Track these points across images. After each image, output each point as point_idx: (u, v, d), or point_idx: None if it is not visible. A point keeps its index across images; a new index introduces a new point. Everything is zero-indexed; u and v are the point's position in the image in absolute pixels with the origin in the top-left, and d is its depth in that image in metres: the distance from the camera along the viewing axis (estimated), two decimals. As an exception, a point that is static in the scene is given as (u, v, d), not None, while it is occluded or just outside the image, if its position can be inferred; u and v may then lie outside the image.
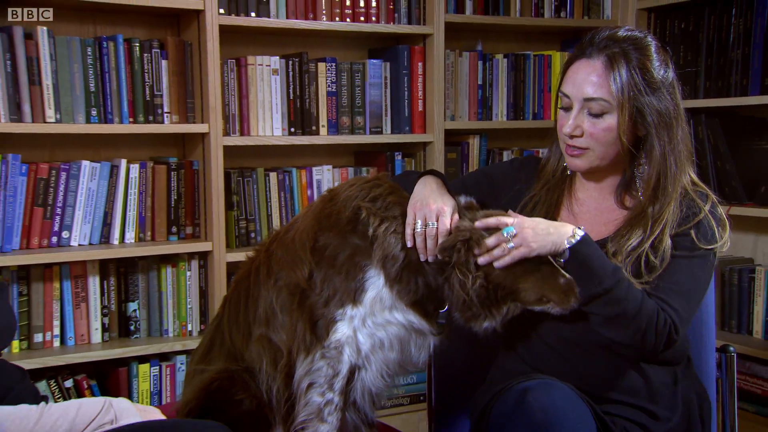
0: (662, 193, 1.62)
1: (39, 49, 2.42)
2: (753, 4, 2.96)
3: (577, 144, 1.64)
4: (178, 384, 2.68)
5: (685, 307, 1.58)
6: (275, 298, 1.74)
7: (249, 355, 1.77)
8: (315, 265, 1.70)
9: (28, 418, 1.27)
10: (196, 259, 2.72)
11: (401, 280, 1.65)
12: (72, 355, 2.50)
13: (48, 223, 2.51)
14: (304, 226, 1.75)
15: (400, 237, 1.65)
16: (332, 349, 1.69)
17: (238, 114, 2.76)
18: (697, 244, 1.60)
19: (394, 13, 2.96)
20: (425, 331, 1.72)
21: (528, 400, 1.46)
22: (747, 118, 3.10)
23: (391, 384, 1.82)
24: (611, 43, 1.62)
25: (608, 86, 1.60)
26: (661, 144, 1.62)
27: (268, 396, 1.75)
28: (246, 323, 1.78)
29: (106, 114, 2.56)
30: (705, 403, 1.69)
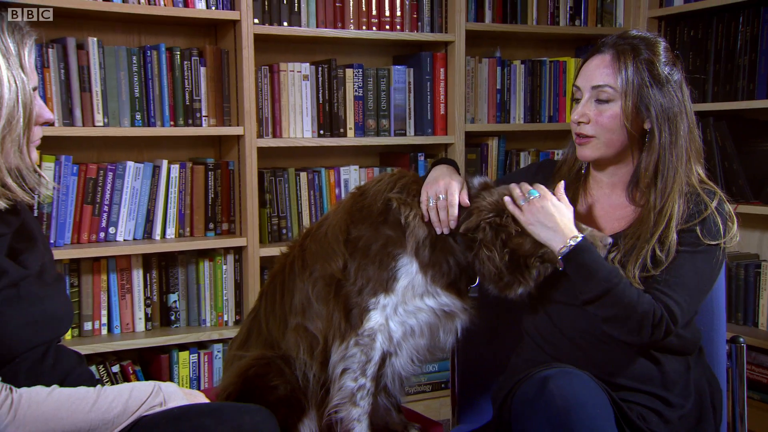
0: (661, 183, 1.61)
1: (89, 58, 2.46)
2: (759, 13, 2.94)
3: (584, 131, 1.64)
4: (215, 370, 2.70)
5: (688, 299, 1.57)
6: (311, 289, 1.74)
7: (285, 343, 1.77)
8: (349, 256, 1.71)
9: (87, 400, 1.28)
10: (231, 253, 2.73)
11: (434, 264, 1.66)
12: (118, 342, 2.52)
13: (96, 220, 2.54)
14: (336, 220, 1.76)
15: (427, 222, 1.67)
16: (365, 337, 1.69)
17: (271, 117, 2.76)
18: (702, 239, 1.59)
19: (417, 21, 2.96)
20: (456, 313, 1.72)
21: (549, 387, 1.46)
22: (753, 121, 3.09)
23: (420, 369, 1.83)
24: (621, 40, 1.64)
25: (615, 75, 1.61)
26: (662, 136, 1.61)
27: (304, 382, 1.75)
28: (282, 314, 1.79)
29: (149, 118, 2.58)
30: (716, 391, 1.69)
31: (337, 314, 1.71)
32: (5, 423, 1.19)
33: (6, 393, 1.21)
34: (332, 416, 1.76)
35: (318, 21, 2.80)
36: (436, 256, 1.67)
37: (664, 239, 1.59)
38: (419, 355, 1.77)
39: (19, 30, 1.30)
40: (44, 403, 1.24)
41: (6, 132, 1.26)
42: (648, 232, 1.60)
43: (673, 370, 1.63)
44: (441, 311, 1.72)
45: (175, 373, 2.66)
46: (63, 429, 1.24)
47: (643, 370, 1.62)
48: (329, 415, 1.76)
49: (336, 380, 1.74)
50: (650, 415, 1.58)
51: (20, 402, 1.22)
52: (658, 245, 1.58)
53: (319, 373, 1.75)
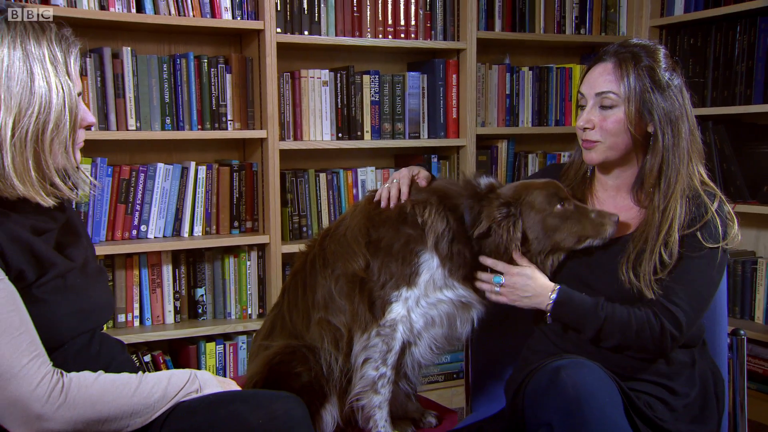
0: (665, 184, 1.61)
1: (123, 66, 2.48)
2: (756, 23, 2.95)
3: (590, 137, 1.64)
4: (239, 360, 2.72)
5: (693, 304, 1.57)
6: (333, 285, 1.75)
7: (310, 336, 1.78)
8: (372, 255, 1.72)
9: (130, 385, 1.29)
10: (255, 250, 2.74)
11: (452, 257, 1.67)
12: (149, 333, 2.54)
13: (129, 218, 2.56)
14: (354, 223, 1.77)
15: (444, 217, 1.68)
16: (387, 328, 1.70)
17: (293, 121, 2.77)
18: (704, 243, 1.58)
19: (431, 30, 2.96)
20: (473, 303, 1.73)
21: (561, 377, 1.45)
22: (750, 125, 3.09)
23: (438, 357, 1.84)
24: (623, 48, 1.64)
25: (617, 82, 1.60)
26: (665, 138, 1.60)
27: (328, 371, 1.76)
28: (305, 308, 1.80)
29: (178, 122, 2.59)
30: (719, 381, 1.68)
31: (361, 307, 1.72)
32: (57, 404, 1.21)
33: (58, 377, 1.23)
34: (354, 404, 1.76)
35: (337, 30, 2.81)
36: (454, 248, 1.68)
37: (668, 239, 1.58)
38: (438, 344, 1.78)
39: (65, 40, 1.32)
40: (91, 386, 1.25)
41: (54, 134, 1.28)
42: (654, 232, 1.59)
43: (678, 361, 1.63)
44: (459, 302, 1.73)
45: (203, 363, 2.67)
46: (108, 411, 1.26)
47: (650, 362, 1.62)
48: (351, 403, 1.77)
49: (358, 369, 1.75)
50: (656, 404, 1.58)
51: (70, 385, 1.23)
52: (662, 246, 1.58)
53: (344, 364, 1.76)
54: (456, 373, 3.07)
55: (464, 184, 1.75)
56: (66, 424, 1.23)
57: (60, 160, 1.31)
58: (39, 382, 1.20)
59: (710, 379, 1.67)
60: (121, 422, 1.28)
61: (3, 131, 1.23)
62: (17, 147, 1.25)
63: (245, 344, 2.73)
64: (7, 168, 1.24)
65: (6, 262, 1.24)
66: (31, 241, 1.30)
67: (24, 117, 1.24)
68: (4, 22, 1.26)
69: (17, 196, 1.28)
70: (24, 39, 1.26)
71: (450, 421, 1.94)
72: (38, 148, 1.27)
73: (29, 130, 1.25)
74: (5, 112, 1.23)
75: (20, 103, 1.24)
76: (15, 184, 1.26)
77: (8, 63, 1.24)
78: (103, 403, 1.25)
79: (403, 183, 1.76)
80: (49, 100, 1.27)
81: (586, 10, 3.26)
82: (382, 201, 1.75)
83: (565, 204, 1.66)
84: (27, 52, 1.26)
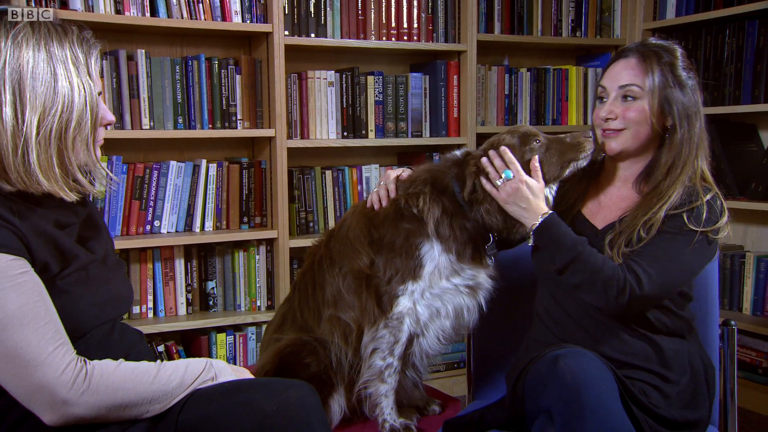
0: (674, 172, 1.62)
1: (138, 68, 2.49)
2: (744, 26, 2.96)
3: (613, 126, 1.65)
4: (249, 351, 2.73)
5: (659, 272, 1.55)
6: (342, 283, 1.76)
7: (321, 331, 1.79)
8: (375, 253, 1.73)
9: (149, 373, 1.29)
10: (263, 244, 2.75)
11: (454, 236, 1.68)
12: (163, 324, 2.56)
13: (143, 214, 2.56)
14: (355, 223, 1.79)
15: (438, 201, 1.69)
16: (394, 320, 1.71)
17: (300, 120, 2.78)
18: (687, 224, 1.57)
19: (432, 33, 2.97)
20: (481, 284, 1.74)
21: (560, 365, 1.44)
22: (739, 124, 3.11)
23: (445, 347, 1.84)
24: (644, 47, 1.66)
25: (641, 76, 1.62)
26: (682, 132, 1.62)
27: (337, 364, 1.77)
28: (316, 306, 1.81)
29: (190, 121, 2.60)
30: (709, 369, 1.69)
31: (369, 302, 1.73)
32: (81, 390, 1.22)
33: (81, 364, 1.24)
34: (362, 392, 1.77)
35: (342, 33, 2.82)
36: (454, 226, 1.69)
37: (653, 216, 1.58)
38: (445, 335, 1.78)
39: (86, 41, 1.33)
40: (113, 374, 1.26)
41: (76, 132, 1.29)
42: (642, 213, 1.60)
43: (670, 349, 1.63)
44: (465, 288, 1.73)
45: (213, 353, 2.68)
46: (129, 398, 1.26)
47: (643, 350, 1.62)
48: (359, 391, 1.78)
49: (366, 359, 1.76)
50: (651, 391, 1.58)
51: (93, 372, 1.24)
52: (643, 224, 1.58)
53: (353, 358, 1.76)
54: (457, 363, 3.08)
55: (444, 162, 1.78)
56: (89, 410, 1.24)
57: (82, 156, 1.32)
58: (64, 369, 1.21)
59: (701, 367, 1.67)
60: (141, 408, 1.28)
61: (29, 129, 1.24)
62: (42, 144, 1.26)
63: (254, 335, 2.74)
64: (32, 165, 1.25)
65: (32, 255, 1.25)
66: (55, 235, 1.31)
67: (48, 116, 1.25)
68: (28, 26, 1.27)
69: (42, 191, 1.29)
70: (48, 41, 1.27)
71: (453, 409, 1.95)
72: (61, 146, 1.28)
73: (53, 128, 1.26)
74: (30, 111, 1.24)
75: (44, 103, 1.25)
76: (40, 180, 1.27)
77: (33, 64, 1.25)
78: (124, 389, 1.26)
79: (390, 183, 1.78)
80: (72, 99, 1.27)
81: (581, 13, 3.27)
82: (375, 205, 1.77)
83: (536, 142, 1.68)
84: (51, 53, 1.26)
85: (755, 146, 3.08)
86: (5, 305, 1.19)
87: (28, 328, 1.20)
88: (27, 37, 1.26)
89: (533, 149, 1.69)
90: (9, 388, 1.22)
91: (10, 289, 1.19)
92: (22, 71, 1.24)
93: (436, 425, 1.80)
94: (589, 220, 1.72)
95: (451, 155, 1.78)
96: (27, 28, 1.27)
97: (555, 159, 1.68)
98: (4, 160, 1.24)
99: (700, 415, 1.63)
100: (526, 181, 1.63)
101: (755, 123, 3.10)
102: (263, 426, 1.25)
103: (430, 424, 1.84)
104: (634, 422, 1.48)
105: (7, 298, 1.19)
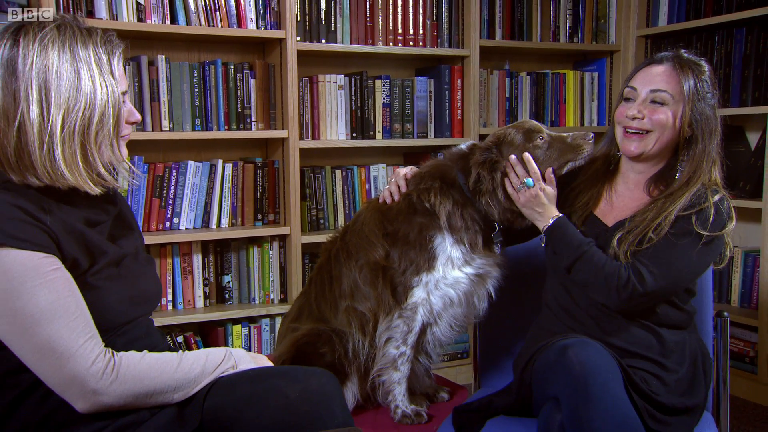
0: (689, 182, 1.62)
1: (158, 72, 2.49)
2: (732, 34, 2.97)
3: (642, 126, 1.62)
4: (263, 341, 2.73)
5: (662, 271, 1.56)
6: (358, 274, 1.76)
7: (338, 322, 1.79)
8: (390, 246, 1.73)
9: (172, 362, 1.30)
10: (276, 240, 2.75)
11: (465, 226, 1.69)
12: (182, 316, 2.55)
13: (163, 211, 2.56)
14: (369, 217, 1.79)
15: (448, 195, 1.71)
16: (408, 310, 1.72)
17: (311, 122, 2.77)
18: (693, 226, 1.57)
19: (437, 38, 2.97)
20: (490, 271, 1.74)
21: (568, 354, 1.45)
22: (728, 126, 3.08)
23: (457, 334, 1.84)
24: (678, 57, 1.65)
25: (675, 83, 1.60)
26: (703, 145, 1.62)
27: (353, 353, 1.77)
28: (332, 298, 1.80)
29: (207, 123, 2.60)
30: (706, 358, 1.69)
31: (385, 293, 1.73)
32: (110, 380, 1.22)
33: (109, 356, 1.24)
34: (376, 379, 1.78)
35: (351, 39, 2.81)
36: (465, 217, 1.70)
37: (663, 221, 1.58)
38: (457, 322, 1.79)
39: (110, 42, 1.32)
40: (139, 364, 1.26)
41: (99, 128, 1.28)
42: (654, 214, 1.60)
43: (671, 341, 1.64)
44: (476, 276, 1.73)
45: (230, 343, 2.68)
46: (154, 386, 1.27)
47: (647, 340, 1.63)
48: (373, 378, 1.78)
49: (380, 348, 1.76)
50: (651, 379, 1.59)
51: (121, 363, 1.24)
52: (655, 226, 1.58)
53: (370, 348, 1.77)
54: (460, 353, 3.08)
55: (449, 156, 1.79)
56: (118, 398, 1.24)
57: (105, 152, 1.31)
58: (94, 360, 1.22)
59: (699, 357, 1.68)
60: (165, 396, 1.29)
61: (53, 126, 1.24)
62: (66, 140, 1.25)
63: (268, 327, 2.74)
64: (57, 159, 1.25)
65: (61, 252, 1.25)
66: (84, 232, 1.30)
67: (71, 113, 1.25)
68: (55, 29, 1.27)
69: (68, 185, 1.28)
70: (72, 43, 1.27)
71: (461, 396, 1.96)
72: (85, 141, 1.28)
73: (76, 124, 1.26)
74: (55, 109, 1.24)
75: (68, 100, 1.25)
76: (65, 174, 1.26)
77: (57, 64, 1.25)
78: (149, 378, 1.26)
79: (400, 179, 1.79)
80: (94, 97, 1.27)
81: (578, 20, 3.26)
82: (387, 200, 1.78)
83: (540, 138, 1.70)
84: (75, 54, 1.26)
85: (743, 147, 3.08)
86: (38, 301, 1.19)
87: (60, 323, 1.20)
88: (53, 39, 1.26)
89: (537, 146, 1.70)
90: (44, 378, 1.22)
91: (42, 286, 1.19)
92: (47, 71, 1.24)
93: (445, 412, 1.81)
94: (601, 220, 1.72)
95: (456, 149, 1.79)
96: (53, 31, 1.27)
97: (555, 157, 1.70)
98: (31, 156, 1.24)
99: (697, 401, 1.64)
100: (544, 189, 1.66)
101: (742, 125, 3.10)
102: (287, 411, 1.25)
103: (439, 410, 1.85)
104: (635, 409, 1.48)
105: (39, 294, 1.19)
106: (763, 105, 2.85)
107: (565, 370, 1.44)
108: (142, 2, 2.44)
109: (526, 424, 1.61)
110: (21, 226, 1.20)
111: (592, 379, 1.41)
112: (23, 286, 1.18)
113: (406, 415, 1.76)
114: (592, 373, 1.42)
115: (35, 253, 1.20)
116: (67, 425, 1.25)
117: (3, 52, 1.24)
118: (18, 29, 1.26)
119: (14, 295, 1.17)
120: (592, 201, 1.73)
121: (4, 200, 1.22)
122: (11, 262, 1.18)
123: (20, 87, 1.22)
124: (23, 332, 1.18)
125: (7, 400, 1.25)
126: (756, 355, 2.91)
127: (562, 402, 1.44)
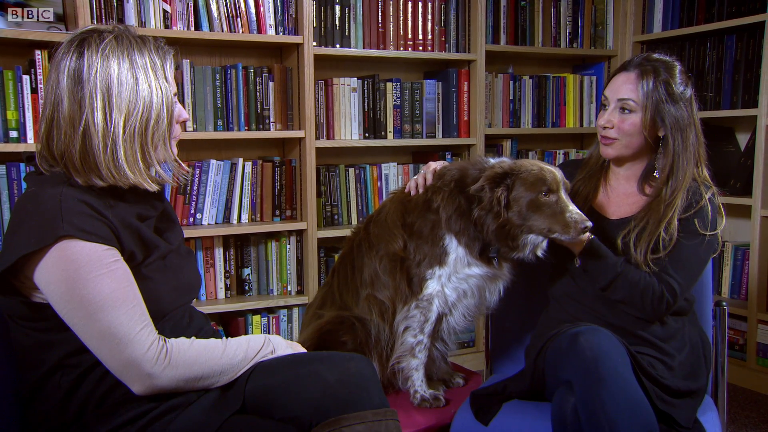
0: (674, 180, 1.65)
1: (183, 76, 2.50)
2: (723, 40, 3.01)
3: (609, 135, 1.68)
4: (281, 331, 2.74)
5: (686, 278, 1.63)
6: (378, 264, 1.78)
7: (359, 309, 1.81)
8: (408, 237, 1.75)
9: (217, 348, 1.33)
10: (293, 235, 2.77)
11: (465, 231, 1.68)
12: (204, 307, 2.56)
13: (187, 207, 2.58)
14: (392, 209, 1.81)
15: (454, 198, 1.69)
16: (424, 301, 1.74)
17: (326, 122, 2.79)
18: (698, 230, 1.62)
19: (445, 43, 2.98)
20: (498, 275, 1.76)
21: (579, 341, 1.47)
22: (719, 127, 3.15)
23: (470, 323, 1.87)
24: (645, 61, 1.67)
25: (637, 91, 1.64)
26: (675, 143, 1.64)
27: (375, 339, 1.79)
28: (354, 287, 1.83)
29: (228, 124, 2.61)
30: (706, 345, 1.73)
31: (402, 283, 1.76)
32: (163, 365, 1.26)
33: (162, 342, 1.28)
34: (395, 366, 1.81)
35: (364, 44, 2.83)
36: (464, 222, 1.68)
37: (669, 225, 1.63)
38: (470, 312, 1.82)
39: (162, 48, 1.36)
40: (188, 350, 1.30)
41: (155, 129, 1.32)
42: (657, 220, 1.64)
43: (673, 327, 1.68)
44: (486, 276, 1.76)
45: (249, 332, 2.69)
46: (202, 371, 1.30)
47: (650, 328, 1.66)
48: (393, 365, 1.81)
49: (399, 336, 1.79)
50: (657, 364, 1.63)
51: (172, 349, 1.28)
52: (664, 231, 1.62)
53: (389, 334, 1.79)
54: (466, 342, 3.11)
55: (474, 163, 1.75)
56: (170, 382, 1.28)
57: (160, 151, 1.35)
58: (149, 346, 1.25)
59: (699, 343, 1.71)
60: (212, 379, 1.32)
61: (116, 129, 1.28)
62: (128, 142, 1.29)
63: (285, 317, 2.76)
64: (120, 160, 1.29)
65: (121, 245, 1.29)
66: (139, 227, 1.34)
67: (132, 116, 1.29)
68: (113, 39, 1.30)
69: (129, 184, 1.32)
70: (130, 51, 1.30)
71: (475, 382, 1.98)
72: (143, 141, 1.31)
73: (136, 126, 1.29)
74: (117, 113, 1.28)
75: (128, 105, 1.29)
76: (127, 174, 1.30)
77: (118, 72, 1.28)
78: (198, 364, 1.30)
79: (428, 173, 1.80)
80: (151, 100, 1.31)
81: (578, 27, 3.29)
82: (412, 191, 1.79)
83: (550, 195, 1.62)
84: (132, 61, 1.30)
85: (733, 147, 3.13)
86: (102, 289, 1.22)
87: (120, 310, 1.24)
88: (112, 48, 1.29)
89: (539, 198, 1.62)
90: (104, 361, 1.26)
91: (105, 275, 1.23)
92: (109, 79, 1.27)
93: (460, 396, 1.84)
94: (600, 212, 1.76)
95: (484, 160, 1.75)
96: (112, 41, 1.30)
97: (547, 219, 1.61)
98: (96, 158, 1.28)
99: (699, 385, 1.67)
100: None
101: (733, 126, 3.15)
102: (326, 395, 1.28)
103: (455, 394, 1.88)
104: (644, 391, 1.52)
105: (103, 283, 1.22)
106: (752, 107, 2.90)
107: (577, 355, 1.47)
108: (168, 10, 2.47)
109: (540, 407, 1.63)
110: (87, 220, 1.23)
111: (603, 364, 1.43)
112: (89, 275, 1.21)
113: (425, 398, 1.79)
114: (603, 358, 1.44)
115: (99, 245, 1.23)
116: (123, 404, 1.29)
117: (69, 64, 1.28)
118: (81, 42, 1.29)
119: (81, 283, 1.21)
120: (592, 195, 1.78)
121: (72, 195, 1.25)
122: (78, 253, 1.21)
123: (85, 95, 1.26)
124: (88, 317, 1.22)
125: (72, 377, 1.29)
126: (745, 343, 2.97)
127: (575, 386, 1.47)
